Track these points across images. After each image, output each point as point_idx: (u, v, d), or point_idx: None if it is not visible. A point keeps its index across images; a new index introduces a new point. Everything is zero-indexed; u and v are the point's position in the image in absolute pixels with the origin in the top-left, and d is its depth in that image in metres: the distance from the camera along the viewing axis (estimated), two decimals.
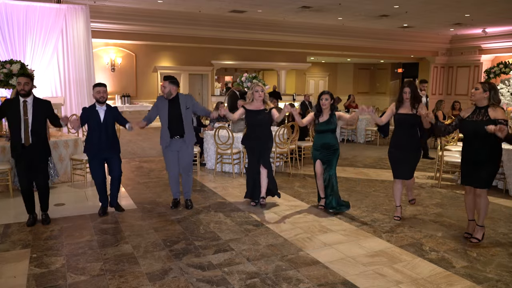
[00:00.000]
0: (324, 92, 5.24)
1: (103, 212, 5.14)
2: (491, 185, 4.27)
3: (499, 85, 7.97)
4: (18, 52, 8.76)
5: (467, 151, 4.22)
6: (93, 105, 5.05)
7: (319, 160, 5.26)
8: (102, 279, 3.48)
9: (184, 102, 5.20)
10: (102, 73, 14.01)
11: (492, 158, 4.10)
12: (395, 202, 5.09)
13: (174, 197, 5.51)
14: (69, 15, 9.40)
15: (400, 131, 4.82)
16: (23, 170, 4.66)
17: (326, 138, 5.18)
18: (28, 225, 4.70)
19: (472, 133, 4.12)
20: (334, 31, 16.40)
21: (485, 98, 4.07)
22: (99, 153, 5.01)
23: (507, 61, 12.06)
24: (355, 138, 11.67)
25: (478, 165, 4.13)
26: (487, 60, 18.14)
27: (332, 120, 5.17)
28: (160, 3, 12.30)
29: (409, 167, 4.86)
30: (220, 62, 16.08)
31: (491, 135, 3.94)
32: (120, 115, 5.22)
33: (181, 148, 5.25)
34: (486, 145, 4.05)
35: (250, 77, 9.58)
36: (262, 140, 5.39)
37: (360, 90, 23.00)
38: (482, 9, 12.47)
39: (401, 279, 3.52)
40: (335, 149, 5.21)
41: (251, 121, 5.38)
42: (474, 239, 4.30)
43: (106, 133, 4.97)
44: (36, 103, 4.69)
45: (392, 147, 4.91)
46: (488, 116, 4.01)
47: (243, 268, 3.69)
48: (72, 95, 9.56)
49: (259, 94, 5.30)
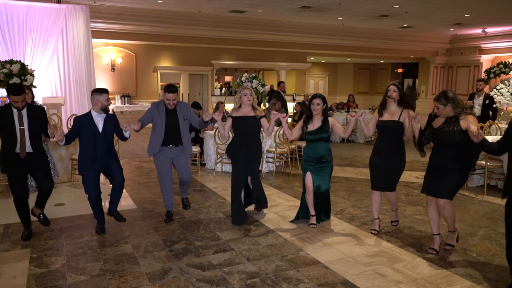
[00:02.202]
0: (315, 95, 4.61)
1: (100, 230, 4.57)
2: (453, 197, 3.95)
3: (499, 85, 7.96)
4: (18, 52, 8.76)
5: (435, 158, 4.01)
6: (89, 113, 4.50)
7: (309, 172, 4.63)
8: (102, 279, 3.48)
9: (182, 112, 4.83)
10: (102, 73, 14.01)
11: (461, 167, 3.89)
12: (373, 214, 4.64)
13: (168, 209, 4.99)
14: (69, 15, 9.40)
15: (382, 138, 4.47)
16: (20, 179, 4.30)
17: (318, 149, 4.58)
18: (23, 239, 4.32)
19: (442, 143, 3.94)
20: (334, 31, 16.41)
21: (449, 109, 3.88)
22: (93, 164, 4.46)
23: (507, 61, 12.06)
24: (355, 138, 11.68)
25: (444, 174, 3.91)
26: (487, 60, 18.15)
27: (325, 127, 4.56)
28: (160, 3, 12.30)
29: (390, 178, 4.42)
30: (220, 62, 16.08)
31: (461, 144, 3.81)
32: (118, 125, 4.66)
33: (176, 155, 4.90)
34: (455, 155, 3.86)
35: (250, 77, 9.57)
36: (252, 149, 4.83)
37: (360, 90, 22.99)
38: (482, 9, 12.47)
39: (401, 279, 3.52)
40: (327, 162, 4.61)
41: (238, 128, 4.82)
42: (448, 246, 4.10)
43: (104, 142, 4.48)
44: (31, 111, 4.32)
45: (373, 155, 4.52)
46: (460, 127, 3.82)
47: (243, 268, 3.69)
48: (72, 95, 9.56)
49: (248, 98, 4.77)
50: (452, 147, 3.86)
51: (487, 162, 6.01)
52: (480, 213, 5.29)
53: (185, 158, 5.00)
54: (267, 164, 7.55)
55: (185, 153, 4.98)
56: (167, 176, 4.88)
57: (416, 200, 5.85)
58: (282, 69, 17.74)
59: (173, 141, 4.84)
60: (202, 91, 16.53)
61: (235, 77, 17.51)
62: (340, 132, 4.74)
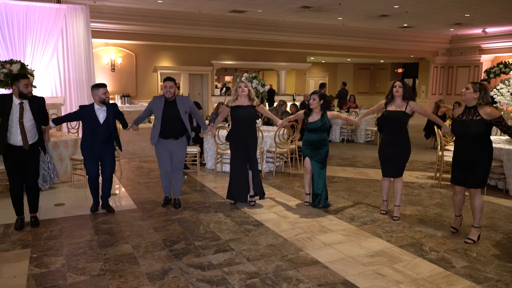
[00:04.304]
0: (314, 92, 5.37)
1: (94, 209, 5.18)
2: (485, 185, 4.29)
3: (499, 85, 7.96)
4: (18, 52, 8.77)
5: (457, 151, 4.30)
6: (92, 105, 4.95)
7: (308, 158, 5.39)
8: (102, 279, 3.48)
9: (183, 105, 5.15)
10: (102, 73, 14.02)
11: (482, 158, 4.13)
12: (382, 197, 5.27)
13: (165, 195, 5.54)
14: (69, 15, 9.41)
15: (389, 129, 4.93)
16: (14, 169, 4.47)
17: (316, 136, 5.30)
18: (16, 229, 4.52)
19: (461, 133, 4.20)
20: (334, 31, 16.41)
21: (475, 98, 4.11)
22: (92, 149, 4.96)
23: (507, 61, 12.08)
24: (355, 138, 11.68)
25: (468, 165, 4.17)
26: (487, 60, 18.15)
27: (324, 119, 5.26)
28: (160, 3, 12.30)
29: (396, 164, 4.92)
30: (220, 62, 16.08)
31: (480, 135, 4.04)
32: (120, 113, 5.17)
33: (175, 148, 5.24)
34: (476, 145, 4.10)
35: (250, 77, 9.56)
36: (245, 136, 5.35)
37: (360, 90, 23.00)
38: (482, 9, 12.47)
39: (401, 279, 3.52)
40: (324, 146, 5.33)
41: (234, 116, 5.37)
42: (469, 240, 4.28)
43: (102, 133, 4.90)
44: (32, 102, 4.48)
45: (382, 145, 5.07)
46: (480, 116, 4.05)
47: (243, 268, 3.69)
48: (72, 95, 9.57)
49: (242, 89, 5.31)
50: (472, 136, 4.09)
51: None
52: None
53: (183, 152, 5.33)
54: (267, 164, 7.55)
55: (184, 146, 5.30)
56: (166, 163, 5.31)
57: (416, 200, 5.85)
58: (282, 69, 17.74)
59: (173, 133, 5.16)
60: (202, 91, 16.53)
61: (235, 77, 17.52)
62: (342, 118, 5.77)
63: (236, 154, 5.43)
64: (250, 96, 5.34)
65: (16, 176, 4.51)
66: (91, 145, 4.92)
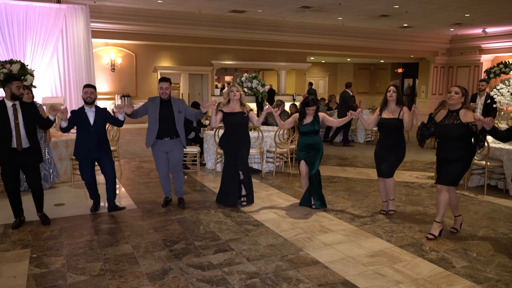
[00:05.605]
0: (310, 104, 5.28)
1: (94, 209, 5.20)
2: (456, 184, 4.34)
3: (499, 85, 7.96)
4: (18, 52, 8.77)
5: (438, 151, 4.41)
6: (82, 107, 5.02)
7: (304, 161, 5.41)
8: (102, 279, 3.48)
9: (177, 105, 5.25)
10: (102, 73, 14.02)
11: (458, 159, 4.22)
12: (381, 197, 5.33)
13: (166, 196, 5.57)
14: (69, 15, 9.41)
15: (385, 133, 5.04)
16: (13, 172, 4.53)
17: (309, 139, 5.35)
18: (13, 228, 4.59)
19: (442, 136, 4.31)
20: (334, 31, 16.42)
21: (460, 102, 4.23)
22: (88, 154, 4.99)
23: (507, 61, 12.08)
24: (355, 138, 11.68)
25: (445, 163, 4.31)
26: (487, 60, 18.16)
27: (316, 122, 5.36)
28: (160, 3, 12.30)
29: (387, 165, 5.00)
30: (220, 62, 16.08)
31: (460, 138, 4.14)
32: (110, 115, 5.18)
33: (171, 149, 5.27)
34: (455, 146, 4.20)
35: (250, 77, 9.57)
36: (237, 142, 5.37)
37: (360, 90, 22.99)
38: (482, 9, 12.47)
39: (401, 279, 3.52)
40: (318, 149, 5.38)
41: (227, 122, 5.41)
42: (430, 235, 4.37)
43: (96, 135, 4.96)
44: (24, 106, 4.55)
45: (378, 147, 5.13)
46: (459, 120, 4.16)
47: (243, 268, 3.69)
48: (72, 95, 9.58)
49: (234, 94, 5.33)
50: (453, 139, 4.20)
51: (487, 162, 6.01)
52: (480, 213, 5.29)
53: (179, 154, 5.36)
54: (267, 164, 7.55)
55: (180, 147, 5.33)
56: (164, 167, 5.38)
57: (416, 200, 5.85)
58: (282, 69, 17.74)
59: (168, 133, 5.21)
60: (202, 91, 16.53)
61: (235, 77, 17.52)
62: (332, 123, 5.62)
63: (228, 159, 5.45)
64: (242, 101, 5.37)
65: (11, 179, 4.54)
66: (87, 148, 4.95)
